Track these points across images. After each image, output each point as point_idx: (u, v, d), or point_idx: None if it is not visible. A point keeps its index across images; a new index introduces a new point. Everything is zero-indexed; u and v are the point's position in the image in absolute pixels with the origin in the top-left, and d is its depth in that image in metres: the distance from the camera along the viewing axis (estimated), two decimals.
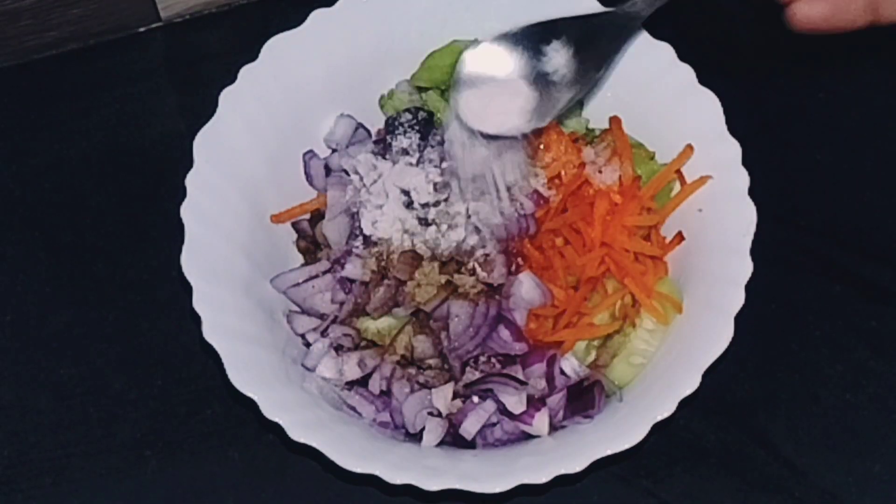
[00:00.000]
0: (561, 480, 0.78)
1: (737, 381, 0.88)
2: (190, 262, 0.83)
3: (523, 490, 0.78)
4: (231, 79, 0.89)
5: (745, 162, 0.86)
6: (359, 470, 0.78)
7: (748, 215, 0.84)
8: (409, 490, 0.78)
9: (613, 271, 0.86)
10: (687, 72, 0.89)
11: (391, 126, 0.91)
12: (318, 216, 0.90)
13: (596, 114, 0.92)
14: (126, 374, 0.90)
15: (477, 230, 0.86)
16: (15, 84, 1.02)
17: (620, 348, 0.85)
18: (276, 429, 0.79)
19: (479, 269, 0.85)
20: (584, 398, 0.83)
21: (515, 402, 0.82)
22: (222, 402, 0.88)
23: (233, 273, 0.85)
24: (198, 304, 0.82)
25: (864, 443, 0.87)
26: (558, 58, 0.83)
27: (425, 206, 0.86)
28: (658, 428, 0.79)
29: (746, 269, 0.82)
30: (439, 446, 0.83)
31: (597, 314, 0.85)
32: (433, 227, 0.86)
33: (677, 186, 0.89)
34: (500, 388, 0.82)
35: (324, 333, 0.86)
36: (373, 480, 0.78)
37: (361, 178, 0.88)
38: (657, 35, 0.90)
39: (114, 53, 1.02)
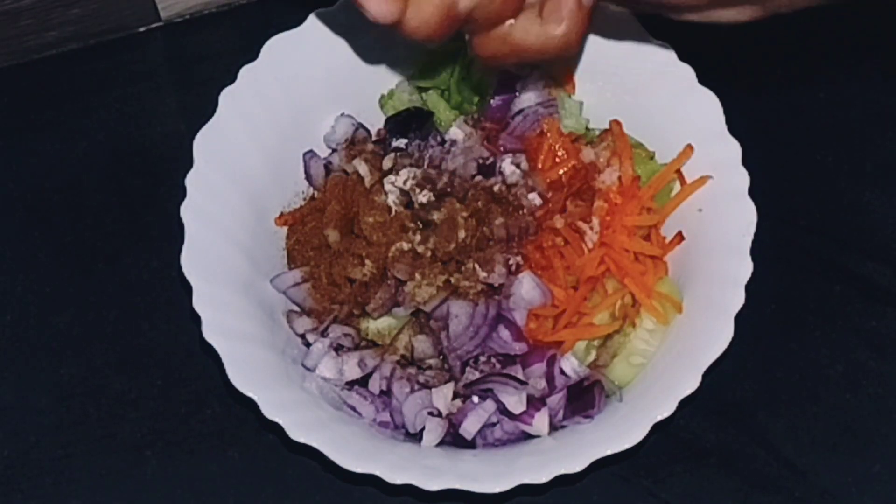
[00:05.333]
0: (561, 480, 0.78)
1: (737, 381, 0.88)
2: (190, 262, 0.83)
3: (523, 490, 0.78)
4: (231, 79, 0.89)
5: (745, 162, 0.86)
6: (359, 470, 0.78)
7: (748, 215, 0.84)
8: (409, 490, 0.78)
9: (613, 271, 0.86)
10: (687, 72, 0.89)
11: (391, 126, 0.91)
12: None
13: (596, 114, 0.92)
14: (126, 374, 0.90)
15: (477, 230, 0.86)
16: (15, 84, 1.02)
17: (620, 348, 0.85)
18: (276, 429, 0.79)
19: (479, 269, 0.85)
20: (584, 398, 0.83)
21: (515, 401, 0.82)
22: (222, 402, 0.88)
23: (233, 273, 0.85)
24: (198, 304, 0.82)
25: (864, 443, 0.87)
26: None
27: (425, 205, 0.86)
28: (658, 428, 0.79)
29: (746, 269, 0.82)
30: (439, 446, 0.83)
31: (597, 314, 0.85)
32: (432, 227, 0.86)
33: (677, 186, 0.89)
34: (500, 387, 0.82)
35: (324, 333, 0.86)
36: (373, 480, 0.78)
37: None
38: (657, 35, 0.90)
39: (114, 53, 1.02)
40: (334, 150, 0.92)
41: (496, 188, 0.87)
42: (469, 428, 0.83)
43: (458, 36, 0.93)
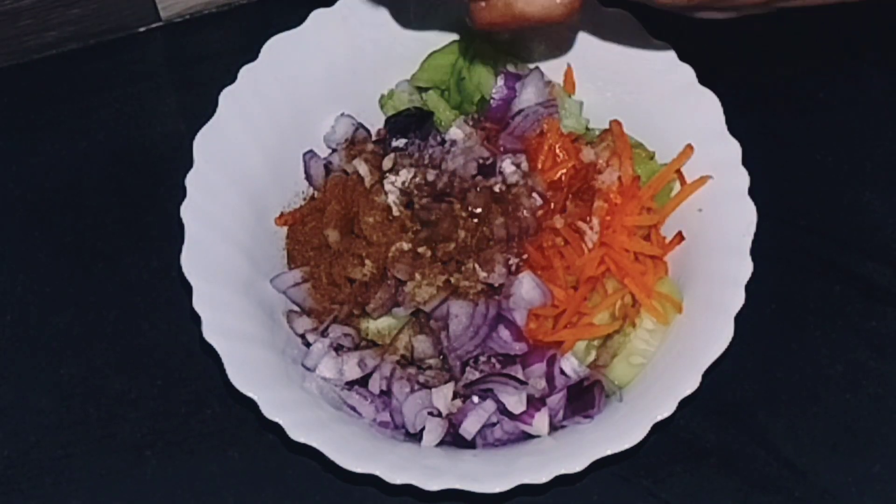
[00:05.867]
0: (561, 480, 0.78)
1: (737, 381, 0.88)
2: (190, 262, 0.83)
3: (523, 490, 0.78)
4: (231, 79, 0.89)
5: (745, 162, 0.86)
6: (359, 470, 0.78)
7: (748, 215, 0.84)
8: (409, 490, 0.78)
9: (613, 271, 0.86)
10: (687, 72, 0.89)
11: (391, 126, 0.91)
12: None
13: (596, 114, 0.92)
14: (126, 374, 0.90)
15: (477, 230, 0.86)
16: (15, 84, 1.02)
17: (620, 348, 0.85)
18: (276, 429, 0.79)
19: (479, 269, 0.85)
20: (584, 398, 0.83)
21: (515, 401, 0.82)
22: (222, 402, 0.88)
23: (233, 273, 0.85)
24: (198, 304, 0.82)
25: (864, 443, 0.87)
26: None
27: (425, 206, 0.86)
28: (658, 428, 0.79)
29: (746, 269, 0.82)
30: (439, 446, 0.83)
31: (597, 314, 0.85)
32: (433, 227, 0.86)
33: (677, 186, 0.89)
34: (500, 387, 0.82)
35: (324, 333, 0.86)
36: (373, 480, 0.78)
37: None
38: (657, 35, 0.90)
39: (114, 53, 1.02)
40: (334, 150, 0.92)
41: (496, 188, 0.87)
42: (469, 428, 0.83)
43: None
